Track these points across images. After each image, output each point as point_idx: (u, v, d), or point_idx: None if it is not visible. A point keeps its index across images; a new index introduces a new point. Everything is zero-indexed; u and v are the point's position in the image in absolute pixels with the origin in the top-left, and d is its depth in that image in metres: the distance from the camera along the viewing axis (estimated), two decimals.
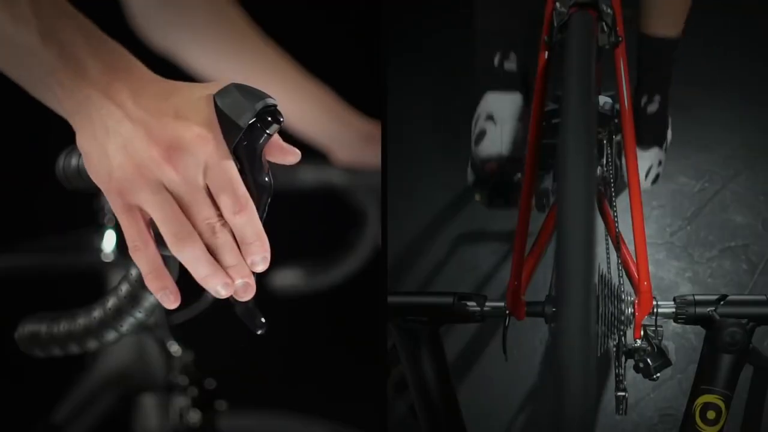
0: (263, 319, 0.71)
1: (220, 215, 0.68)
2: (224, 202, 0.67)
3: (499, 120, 1.45)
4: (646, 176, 1.68)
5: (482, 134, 1.46)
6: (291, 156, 0.72)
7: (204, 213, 0.67)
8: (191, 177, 0.66)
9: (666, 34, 1.59)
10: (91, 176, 0.69)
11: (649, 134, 1.64)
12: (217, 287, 0.68)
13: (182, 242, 0.67)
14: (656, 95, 1.64)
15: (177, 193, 0.67)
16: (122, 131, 0.67)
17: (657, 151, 1.69)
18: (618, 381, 1.16)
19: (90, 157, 0.68)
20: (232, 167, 0.67)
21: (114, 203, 0.68)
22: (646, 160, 1.66)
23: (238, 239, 0.68)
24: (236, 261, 0.68)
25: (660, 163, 1.71)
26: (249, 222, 0.68)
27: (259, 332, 0.71)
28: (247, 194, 0.68)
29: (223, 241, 0.68)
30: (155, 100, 0.68)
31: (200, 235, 0.68)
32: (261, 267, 0.69)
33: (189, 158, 0.66)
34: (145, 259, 0.69)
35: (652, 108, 1.64)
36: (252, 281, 0.69)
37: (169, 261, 0.69)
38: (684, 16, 1.59)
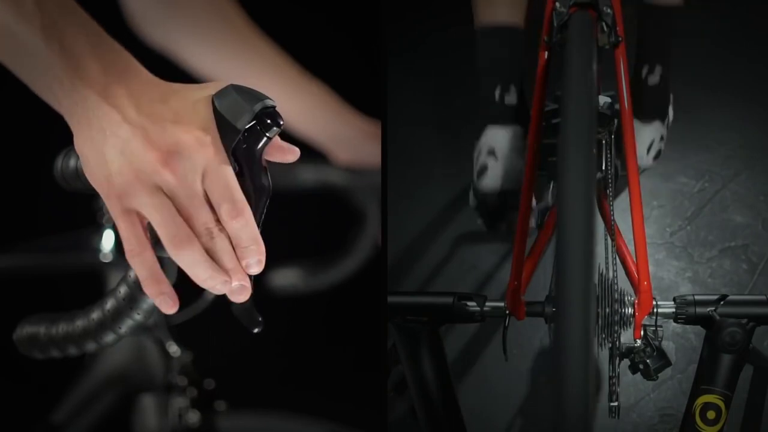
0: (260, 318, 0.71)
1: (218, 220, 0.68)
2: (221, 208, 0.67)
3: (500, 155, 1.48)
4: (648, 151, 1.66)
5: (484, 169, 1.49)
6: (290, 155, 0.72)
7: (202, 218, 0.67)
8: (189, 182, 0.66)
9: (667, 2, 1.58)
10: (89, 179, 0.69)
11: (650, 106, 1.63)
12: (217, 286, 0.69)
13: (180, 245, 0.67)
14: (657, 65, 1.63)
15: (175, 198, 0.67)
16: (120, 135, 0.67)
17: (658, 125, 1.67)
18: (611, 385, 1.16)
19: (88, 160, 0.68)
20: (229, 172, 0.67)
21: (112, 207, 0.68)
22: (648, 133, 1.65)
23: (234, 243, 0.68)
24: (233, 264, 0.69)
25: (662, 138, 1.69)
26: (245, 227, 0.68)
27: (255, 330, 0.71)
28: (244, 199, 0.68)
29: (220, 245, 0.68)
30: (154, 104, 0.67)
31: (198, 238, 0.68)
32: (256, 269, 0.69)
33: (187, 163, 0.66)
34: (142, 264, 0.69)
35: (653, 79, 1.62)
36: (248, 284, 0.70)
37: (167, 264, 0.69)
38: None
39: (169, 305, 0.70)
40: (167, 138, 0.66)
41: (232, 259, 0.69)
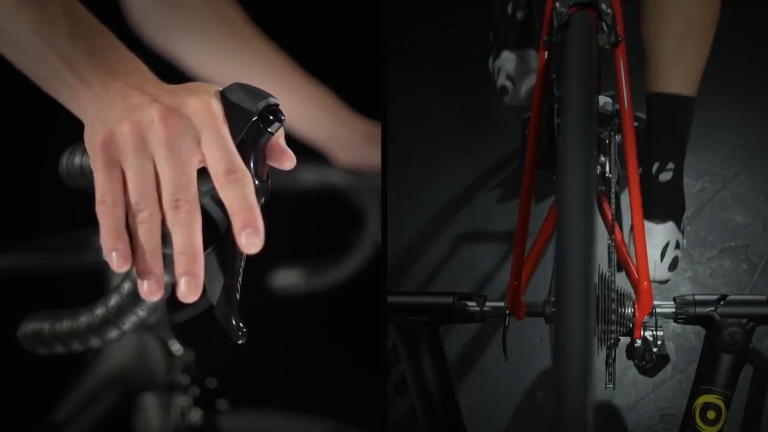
0: (243, 329, 0.68)
1: (190, 201, 0.65)
2: (215, 166, 0.65)
3: (516, 79, 1.61)
4: (662, 257, 1.54)
5: (504, 90, 1.67)
6: (288, 161, 0.71)
7: (175, 185, 0.65)
8: (180, 143, 0.65)
9: (677, 91, 1.51)
10: (86, 138, 0.68)
11: (662, 205, 1.53)
12: (148, 282, 0.66)
13: (141, 213, 0.65)
14: (669, 162, 1.54)
15: (159, 159, 0.65)
16: (132, 100, 0.67)
17: (673, 227, 1.56)
18: (608, 372, 1.16)
19: (92, 119, 0.68)
20: (230, 139, 0.66)
21: (96, 157, 0.66)
22: (661, 235, 1.54)
23: (227, 208, 0.65)
24: (187, 248, 0.65)
25: (678, 245, 1.56)
26: (241, 188, 0.65)
27: (239, 342, 0.68)
28: (245, 167, 0.66)
29: (183, 219, 0.65)
30: (170, 87, 0.69)
31: (164, 211, 0.65)
32: (254, 244, 0.65)
33: (186, 124, 0.66)
34: (109, 217, 0.66)
35: (665, 176, 1.54)
36: (199, 279, 0.65)
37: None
38: (698, 74, 1.49)
39: (120, 263, 0.66)
40: (176, 100, 0.66)
41: (188, 241, 0.65)
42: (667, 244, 1.54)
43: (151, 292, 0.67)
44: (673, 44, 1.47)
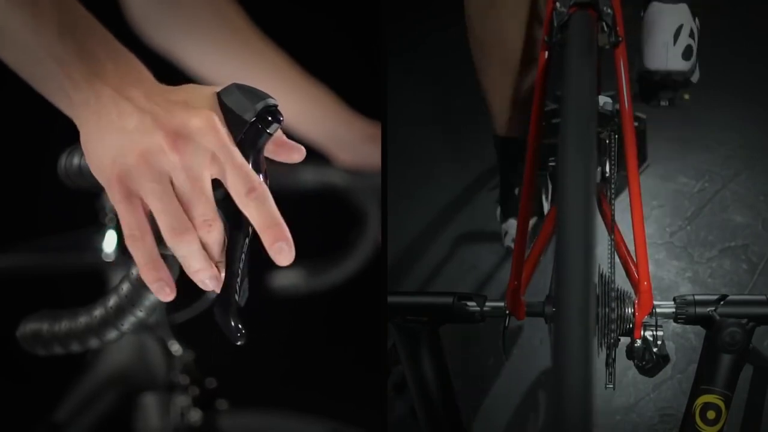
0: (242, 330, 0.69)
1: (216, 216, 0.67)
2: (235, 185, 0.66)
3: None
4: (675, 41, 1.43)
5: (511, 251, 1.57)
6: (296, 153, 0.72)
7: (201, 208, 0.67)
8: (196, 166, 0.66)
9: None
10: (91, 168, 0.68)
11: None
12: (206, 280, 0.68)
13: (180, 236, 0.67)
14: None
15: (178, 184, 0.66)
16: (130, 120, 0.67)
17: (686, 9, 1.46)
18: (608, 372, 1.16)
19: (94, 149, 0.68)
20: (239, 154, 0.67)
21: (113, 192, 0.67)
22: (673, 17, 1.43)
23: (254, 225, 0.67)
24: (222, 258, 0.68)
25: (692, 33, 1.45)
26: (264, 204, 0.66)
27: (238, 343, 0.69)
28: (261, 181, 0.67)
29: (215, 237, 0.67)
30: (164, 94, 0.68)
31: (195, 229, 0.67)
32: (287, 258, 0.67)
33: (194, 146, 0.66)
34: (142, 250, 0.68)
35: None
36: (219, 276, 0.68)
37: (170, 261, 0.69)
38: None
39: (166, 292, 0.69)
40: (176, 120, 0.66)
41: (222, 253, 0.68)
42: (680, 27, 1.43)
43: (208, 286, 0.69)
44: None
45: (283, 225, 0.67)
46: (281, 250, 0.66)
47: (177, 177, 0.66)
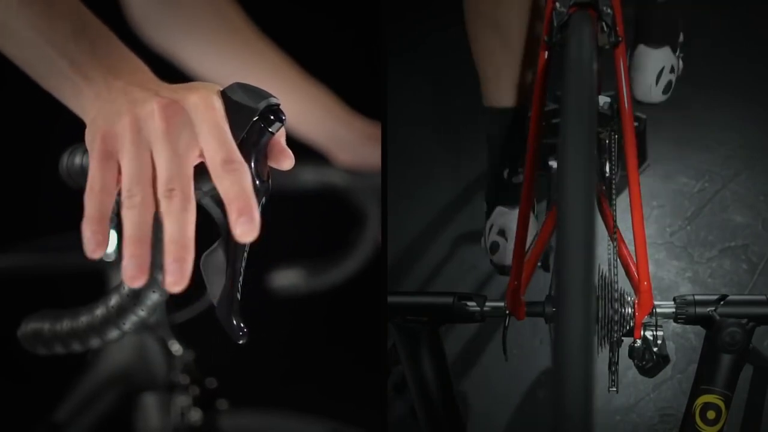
0: (244, 329, 0.69)
1: (184, 190, 0.65)
2: (212, 157, 0.65)
3: (509, 236, 1.52)
4: (657, 81, 1.63)
5: (495, 246, 1.56)
6: (287, 160, 0.71)
7: (170, 173, 0.65)
8: (178, 134, 0.66)
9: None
10: (86, 135, 0.68)
11: (658, 29, 1.60)
12: (131, 264, 0.65)
13: (132, 200, 0.65)
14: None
15: (156, 150, 0.65)
16: (134, 96, 0.67)
17: (668, 52, 1.64)
18: (611, 381, 1.16)
19: (93, 116, 0.68)
20: (229, 134, 0.66)
21: (93, 150, 0.66)
22: (656, 60, 1.61)
23: (223, 197, 0.65)
24: (178, 237, 0.64)
25: (673, 69, 1.65)
26: (239, 180, 0.65)
27: (240, 342, 0.69)
28: (242, 159, 0.66)
29: (176, 207, 0.64)
30: (172, 86, 0.69)
31: (158, 198, 0.65)
32: (249, 232, 0.64)
33: (185, 117, 0.66)
34: (95, 203, 0.66)
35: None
36: (186, 267, 0.64)
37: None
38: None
39: (93, 248, 0.66)
40: (176, 95, 0.67)
41: (180, 230, 0.64)
42: (662, 69, 1.64)
43: (132, 277, 0.65)
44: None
45: (253, 200, 0.65)
46: (244, 223, 0.64)
47: (157, 143, 0.65)
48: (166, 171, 0.65)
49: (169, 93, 0.67)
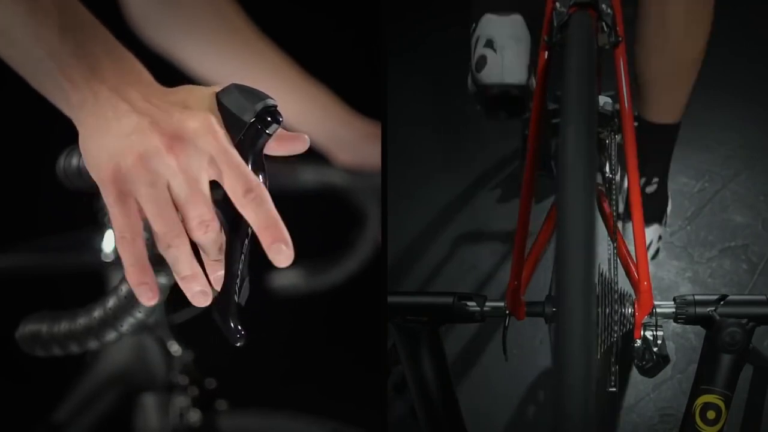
0: (242, 331, 0.69)
1: (213, 217, 0.67)
2: (233, 186, 0.66)
3: (498, 46, 1.36)
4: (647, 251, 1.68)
5: (482, 61, 1.38)
6: (300, 143, 0.72)
7: (198, 209, 0.66)
8: (193, 168, 0.66)
9: (665, 121, 1.61)
10: (87, 167, 0.68)
11: (648, 212, 1.66)
12: (195, 290, 0.68)
13: (170, 241, 0.67)
14: (655, 178, 1.69)
15: (175, 187, 0.66)
16: (127, 122, 0.66)
17: (656, 227, 1.72)
18: (612, 380, 1.16)
19: (90, 150, 0.68)
20: (237, 155, 0.67)
21: (107, 193, 0.67)
22: (647, 236, 1.66)
23: (253, 226, 0.66)
24: (220, 257, 0.68)
25: (660, 238, 1.74)
26: (262, 204, 0.66)
27: (238, 345, 0.69)
28: (259, 182, 0.67)
29: (212, 238, 0.67)
30: (162, 95, 0.68)
31: (190, 232, 0.67)
32: (285, 258, 0.66)
33: (192, 148, 0.66)
34: (130, 251, 0.67)
35: (651, 189, 1.68)
36: (208, 289, 0.69)
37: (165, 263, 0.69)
38: (683, 106, 1.60)
39: (148, 296, 0.69)
40: (174, 123, 0.66)
41: (219, 252, 0.68)
42: (650, 242, 1.71)
43: (198, 302, 0.69)
44: (661, 82, 1.56)
45: (282, 225, 0.66)
46: (279, 250, 0.66)
47: (174, 180, 0.66)
48: (194, 207, 0.66)
49: (163, 117, 0.67)
